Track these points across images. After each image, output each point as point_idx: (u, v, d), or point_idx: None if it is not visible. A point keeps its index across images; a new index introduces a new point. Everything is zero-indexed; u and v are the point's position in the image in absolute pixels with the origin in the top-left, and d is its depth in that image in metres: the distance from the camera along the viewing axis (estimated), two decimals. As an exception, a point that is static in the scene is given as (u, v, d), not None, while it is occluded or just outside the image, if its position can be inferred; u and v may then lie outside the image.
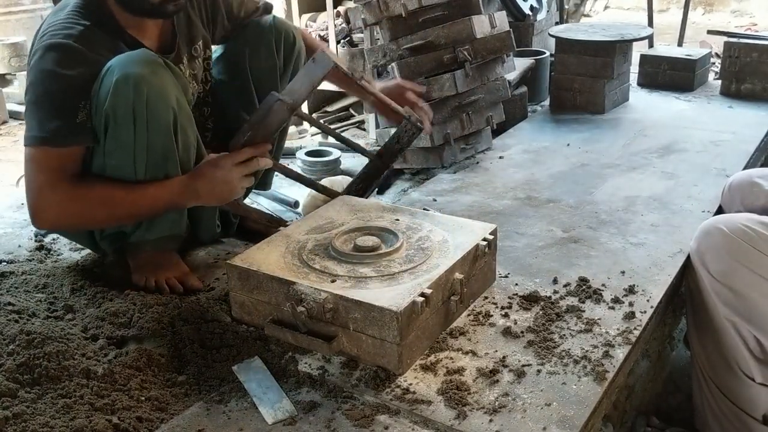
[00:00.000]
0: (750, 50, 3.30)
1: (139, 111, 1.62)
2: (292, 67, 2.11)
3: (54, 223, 1.76)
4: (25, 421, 1.29)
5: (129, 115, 1.62)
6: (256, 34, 2.04)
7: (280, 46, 2.06)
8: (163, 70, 1.66)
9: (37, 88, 1.64)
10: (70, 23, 1.67)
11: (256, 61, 2.04)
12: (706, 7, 7.88)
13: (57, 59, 1.63)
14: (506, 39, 2.61)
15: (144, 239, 1.81)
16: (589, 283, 1.76)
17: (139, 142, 1.65)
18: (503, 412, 1.33)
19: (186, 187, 1.70)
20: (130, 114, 1.62)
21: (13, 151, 4.06)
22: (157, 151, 1.68)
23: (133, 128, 1.63)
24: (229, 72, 2.07)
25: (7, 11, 6.66)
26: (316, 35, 3.88)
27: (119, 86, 1.59)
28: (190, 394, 1.43)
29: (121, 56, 1.64)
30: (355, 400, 1.38)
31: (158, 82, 1.63)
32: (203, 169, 1.71)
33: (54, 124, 1.62)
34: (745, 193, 1.94)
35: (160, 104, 1.64)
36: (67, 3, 1.73)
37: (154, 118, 1.64)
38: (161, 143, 1.68)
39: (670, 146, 2.75)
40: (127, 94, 1.60)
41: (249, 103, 2.06)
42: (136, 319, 1.63)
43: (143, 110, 1.62)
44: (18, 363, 1.42)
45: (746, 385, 1.68)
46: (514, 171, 2.57)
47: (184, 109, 1.71)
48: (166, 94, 1.65)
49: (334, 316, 1.45)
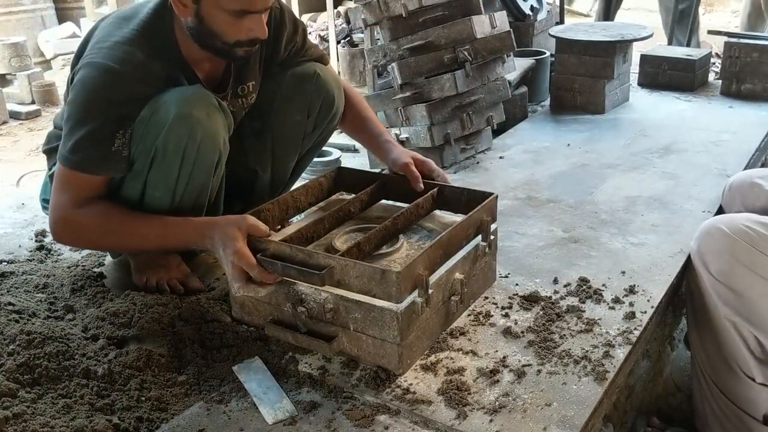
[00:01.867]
0: (750, 50, 3.31)
1: (189, 152, 1.62)
2: (323, 129, 2.00)
3: (71, 242, 1.84)
4: (26, 421, 1.29)
5: (179, 154, 1.62)
6: (294, 82, 1.91)
7: (316, 105, 1.93)
8: (217, 112, 1.66)
9: (78, 107, 1.60)
10: (129, 47, 1.60)
11: (282, 112, 1.93)
12: (707, 7, 7.87)
13: (105, 83, 1.58)
14: (506, 39, 2.61)
15: None
16: (589, 283, 1.76)
17: (182, 179, 1.66)
18: (503, 412, 1.33)
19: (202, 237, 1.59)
20: (180, 153, 1.62)
21: (13, 152, 4.05)
22: (196, 186, 1.70)
23: (179, 166, 1.64)
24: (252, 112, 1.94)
25: (7, 11, 6.67)
26: (316, 35, 3.88)
27: (174, 125, 1.58)
28: (191, 394, 1.43)
29: (178, 92, 1.61)
30: (355, 400, 1.38)
31: (211, 126, 1.63)
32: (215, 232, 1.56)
33: (89, 150, 1.59)
34: (745, 193, 1.94)
35: (209, 147, 1.65)
36: (134, 14, 1.68)
37: (201, 160, 1.65)
38: (202, 180, 1.70)
39: (671, 146, 2.75)
40: (181, 134, 1.59)
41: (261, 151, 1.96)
42: (137, 319, 1.63)
43: (193, 152, 1.63)
44: (18, 363, 1.42)
45: (747, 386, 1.68)
46: (515, 171, 2.57)
47: (227, 148, 1.73)
48: (216, 137, 1.66)
49: (334, 316, 1.45)
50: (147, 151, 1.62)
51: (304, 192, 1.83)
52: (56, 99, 5.65)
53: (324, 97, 1.92)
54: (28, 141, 4.49)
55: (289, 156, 2.02)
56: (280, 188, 2.06)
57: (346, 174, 1.94)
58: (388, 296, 1.36)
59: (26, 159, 4.02)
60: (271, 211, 1.73)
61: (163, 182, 1.66)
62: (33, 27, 6.80)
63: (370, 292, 1.39)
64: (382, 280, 1.36)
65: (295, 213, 1.80)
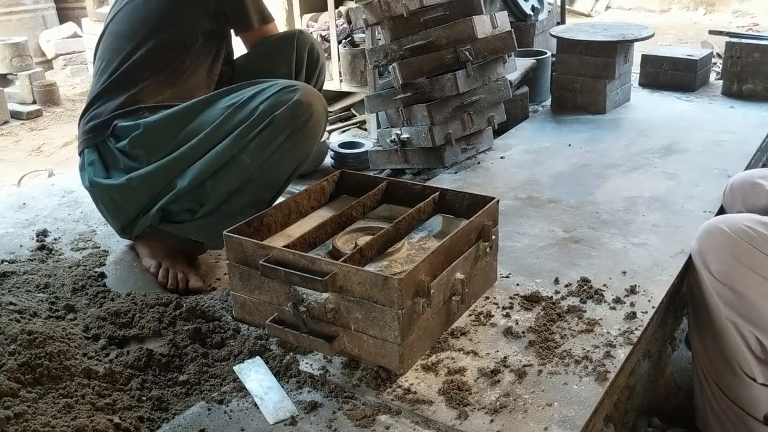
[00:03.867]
0: (751, 50, 3.30)
1: (294, 134, 1.79)
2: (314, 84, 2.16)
3: None
4: (27, 420, 1.29)
5: (287, 132, 1.78)
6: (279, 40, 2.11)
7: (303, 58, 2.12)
8: (325, 117, 1.86)
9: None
10: None
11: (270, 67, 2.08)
12: (708, 7, 7.87)
13: None
14: (507, 39, 2.61)
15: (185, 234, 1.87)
16: (590, 284, 1.76)
17: (276, 155, 1.79)
18: (504, 412, 1.33)
19: None
20: (289, 131, 1.78)
21: (14, 151, 4.06)
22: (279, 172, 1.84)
23: (281, 143, 1.78)
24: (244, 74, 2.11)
25: (8, 11, 6.67)
26: (317, 35, 3.88)
27: (297, 105, 1.77)
28: (192, 394, 1.43)
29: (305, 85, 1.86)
30: (356, 400, 1.38)
31: (320, 124, 1.84)
32: None
33: None
34: (746, 193, 1.94)
35: (310, 140, 1.83)
36: None
37: (299, 147, 1.82)
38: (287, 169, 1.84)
39: (672, 146, 2.75)
40: (299, 115, 1.78)
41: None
42: (138, 319, 1.63)
43: (297, 135, 1.79)
44: (19, 363, 1.42)
45: (747, 386, 1.68)
46: (516, 171, 2.57)
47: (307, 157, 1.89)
48: (317, 135, 1.85)
49: (335, 316, 1.45)
50: (261, 120, 1.76)
51: (307, 196, 1.84)
52: (57, 99, 5.65)
53: (309, 52, 2.12)
54: (29, 141, 4.50)
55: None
56: None
57: (349, 178, 1.94)
58: (390, 303, 1.37)
59: (27, 159, 4.03)
60: (274, 216, 1.73)
61: (260, 151, 1.77)
62: (34, 27, 6.81)
63: (372, 299, 1.39)
64: (384, 287, 1.37)
65: (298, 218, 1.81)
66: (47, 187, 2.55)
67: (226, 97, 1.83)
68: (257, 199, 1.84)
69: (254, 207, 1.81)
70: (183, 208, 1.84)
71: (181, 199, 1.83)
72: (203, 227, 1.84)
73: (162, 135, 1.82)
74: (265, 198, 1.86)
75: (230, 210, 1.82)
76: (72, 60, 6.53)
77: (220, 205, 1.82)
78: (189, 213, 1.84)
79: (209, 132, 1.78)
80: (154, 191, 1.84)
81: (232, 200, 1.81)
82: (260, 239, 1.64)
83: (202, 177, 1.79)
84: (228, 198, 1.81)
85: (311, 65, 2.14)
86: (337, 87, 3.85)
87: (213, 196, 1.81)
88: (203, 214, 1.82)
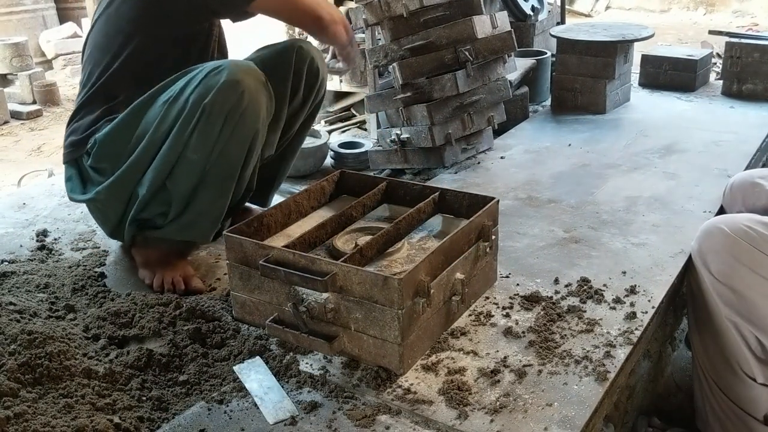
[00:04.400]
0: (751, 50, 3.30)
1: (232, 116, 1.68)
2: (312, 101, 2.09)
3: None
4: (27, 420, 1.29)
5: (222, 116, 1.67)
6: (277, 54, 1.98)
7: (302, 75, 2.00)
8: (264, 89, 1.73)
9: None
10: None
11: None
12: (708, 7, 7.87)
13: None
14: (507, 39, 2.61)
15: (169, 237, 1.83)
16: (590, 284, 1.76)
17: (219, 144, 1.70)
18: (504, 412, 1.33)
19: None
20: (224, 116, 1.67)
21: (14, 151, 4.06)
22: (229, 159, 1.74)
23: (220, 129, 1.68)
24: None
25: (8, 11, 6.67)
26: (317, 35, 3.88)
27: (225, 87, 1.66)
28: (192, 394, 1.43)
29: (232, 61, 1.74)
30: (356, 400, 1.38)
31: (258, 98, 1.71)
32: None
33: None
34: (746, 193, 1.94)
35: (251, 117, 1.71)
36: None
37: (241, 128, 1.71)
38: (236, 153, 1.74)
39: (672, 146, 2.75)
40: (230, 96, 1.66)
41: None
42: (138, 319, 1.63)
43: (236, 117, 1.69)
44: (19, 363, 1.42)
45: (747, 386, 1.68)
46: (516, 171, 2.57)
47: (263, 133, 1.79)
48: (258, 110, 1.72)
49: (335, 316, 1.45)
50: (193, 112, 1.67)
51: (307, 196, 1.84)
52: (57, 99, 5.65)
53: (308, 67, 2.01)
54: (30, 141, 4.50)
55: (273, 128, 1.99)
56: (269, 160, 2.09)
57: (349, 178, 1.94)
58: (391, 303, 1.37)
59: (27, 159, 4.03)
60: (274, 216, 1.73)
61: (202, 144, 1.70)
62: (34, 27, 6.80)
63: (372, 299, 1.39)
64: (384, 287, 1.37)
65: (298, 218, 1.81)
66: (47, 187, 2.55)
67: (163, 93, 1.75)
68: (221, 190, 1.78)
69: (221, 198, 1.78)
70: (155, 213, 1.81)
71: (149, 207, 1.79)
72: (180, 228, 1.81)
73: (116, 145, 1.78)
74: (228, 186, 1.79)
75: (200, 205, 1.78)
76: (72, 60, 6.53)
77: (187, 203, 1.77)
78: (162, 217, 1.81)
79: (152, 133, 1.73)
80: (122, 200, 1.81)
81: (198, 196, 1.76)
82: (260, 239, 1.64)
83: (159, 181, 1.75)
84: (192, 195, 1.76)
85: (310, 80, 2.03)
86: (337, 87, 3.85)
87: (176, 198, 1.77)
88: (174, 216, 1.79)
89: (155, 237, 1.85)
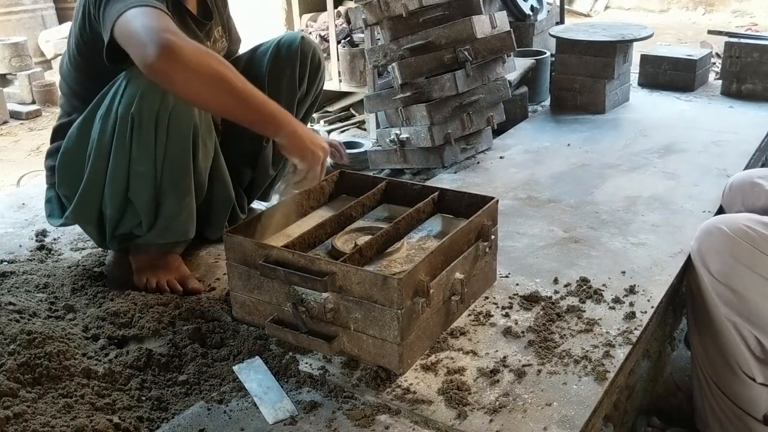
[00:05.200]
0: (751, 50, 3.30)
1: (162, 119, 1.63)
2: (315, 90, 2.13)
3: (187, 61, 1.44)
4: (26, 420, 1.29)
5: (152, 122, 1.62)
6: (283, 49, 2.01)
7: (306, 66, 2.05)
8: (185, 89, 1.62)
9: None
10: None
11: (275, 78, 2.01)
12: (707, 7, 7.87)
13: None
14: (507, 39, 2.61)
15: (153, 242, 1.81)
16: (589, 283, 1.76)
17: (159, 149, 1.66)
18: (504, 412, 1.34)
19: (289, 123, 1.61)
20: (153, 121, 1.62)
21: (13, 151, 4.06)
22: (175, 160, 1.69)
23: (154, 135, 1.64)
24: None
25: (7, 11, 6.67)
26: (316, 35, 3.88)
27: (147, 91, 1.59)
28: (191, 393, 1.43)
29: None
30: (355, 400, 1.38)
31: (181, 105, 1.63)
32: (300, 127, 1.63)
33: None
34: (745, 193, 1.94)
35: (182, 115, 1.64)
36: None
37: (175, 128, 1.65)
38: (180, 152, 1.68)
39: (671, 146, 2.75)
40: (154, 100, 1.60)
41: None
42: (137, 319, 1.63)
43: (165, 119, 1.63)
44: (19, 363, 1.42)
45: (747, 385, 1.68)
46: (515, 171, 2.57)
47: (204, 121, 1.72)
48: (189, 117, 1.66)
49: (334, 316, 1.45)
50: (124, 124, 1.62)
51: (306, 196, 1.84)
52: (57, 99, 5.64)
53: (311, 57, 2.04)
54: (29, 141, 4.50)
55: None
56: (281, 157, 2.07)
57: (348, 178, 1.94)
58: (390, 303, 1.37)
59: (27, 159, 4.03)
60: (274, 216, 1.73)
61: (144, 154, 1.65)
62: (33, 27, 6.80)
63: (372, 298, 1.39)
64: (383, 287, 1.37)
65: (298, 218, 1.81)
66: (46, 187, 2.55)
67: (99, 108, 1.68)
68: (181, 191, 1.74)
69: (186, 197, 1.75)
70: (131, 226, 1.79)
71: (122, 223, 1.78)
72: (159, 233, 1.79)
73: (72, 167, 1.75)
74: (186, 185, 1.74)
75: (168, 209, 1.75)
76: None
77: (156, 211, 1.75)
78: (139, 227, 1.79)
79: (96, 151, 1.68)
80: (92, 221, 1.80)
81: (162, 202, 1.74)
82: (260, 239, 1.64)
83: (119, 198, 1.72)
84: (156, 202, 1.73)
85: (313, 71, 2.08)
86: (337, 87, 3.86)
87: (142, 209, 1.74)
88: (149, 226, 1.77)
89: (142, 243, 1.83)
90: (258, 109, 1.55)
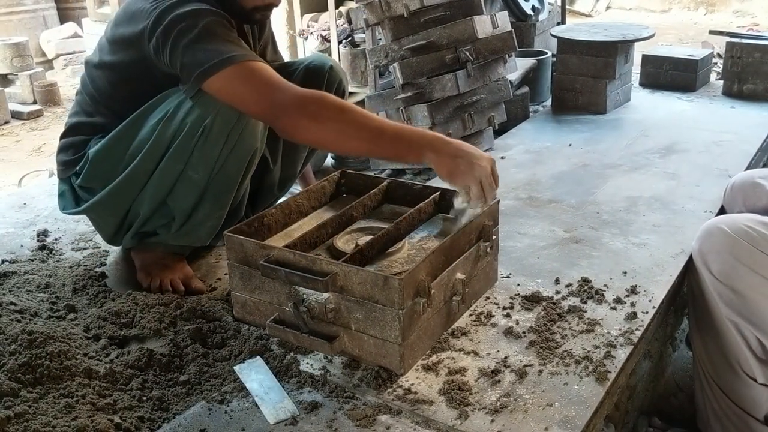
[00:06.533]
0: (752, 50, 3.30)
1: (233, 134, 1.67)
2: None
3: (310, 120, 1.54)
4: (27, 420, 1.29)
5: (223, 137, 1.66)
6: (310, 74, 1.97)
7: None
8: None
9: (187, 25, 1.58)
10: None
11: None
12: (708, 7, 7.87)
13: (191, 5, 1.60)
14: (508, 39, 2.61)
15: (166, 242, 1.83)
16: (590, 284, 1.76)
17: (220, 162, 1.70)
18: (505, 412, 1.33)
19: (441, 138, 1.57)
20: (225, 136, 1.66)
21: (15, 151, 4.06)
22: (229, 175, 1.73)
23: (220, 150, 1.67)
24: None
25: (9, 11, 6.67)
26: (317, 35, 3.88)
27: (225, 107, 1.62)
28: (192, 394, 1.43)
29: None
30: (356, 400, 1.38)
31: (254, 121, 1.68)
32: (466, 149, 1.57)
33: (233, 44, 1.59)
34: (747, 193, 1.94)
35: (249, 138, 1.70)
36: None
37: (240, 150, 1.70)
38: (235, 169, 1.73)
39: (672, 146, 2.75)
40: (231, 116, 1.64)
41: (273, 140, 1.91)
42: (138, 319, 1.63)
43: (236, 135, 1.67)
44: (20, 362, 1.42)
45: (748, 386, 1.68)
46: (516, 171, 2.57)
47: (261, 148, 1.77)
48: (256, 131, 1.71)
49: (335, 316, 1.45)
50: (193, 132, 1.65)
51: (307, 196, 1.84)
52: (58, 99, 5.65)
53: (336, 87, 2.00)
54: (30, 141, 4.50)
55: (299, 150, 2.06)
56: (289, 181, 2.11)
57: (349, 178, 1.94)
58: (391, 303, 1.37)
59: (28, 159, 4.03)
60: (275, 216, 1.73)
61: (203, 163, 1.69)
62: (35, 27, 6.81)
63: (373, 299, 1.39)
64: (384, 287, 1.37)
65: (299, 218, 1.81)
66: (48, 187, 2.55)
67: (154, 112, 1.72)
68: (220, 203, 1.79)
69: (220, 209, 1.80)
70: (157, 225, 1.82)
71: (150, 221, 1.81)
72: (180, 236, 1.82)
73: (107, 163, 1.77)
74: (227, 199, 1.80)
75: (200, 216, 1.79)
76: (72, 60, 6.53)
77: (189, 216, 1.78)
78: (164, 228, 1.82)
79: (147, 151, 1.70)
80: (117, 215, 1.82)
81: (198, 209, 1.77)
82: (261, 239, 1.64)
83: (159, 198, 1.75)
84: (193, 209, 1.77)
85: None
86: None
87: (178, 213, 1.78)
88: (177, 228, 1.80)
89: (153, 242, 1.86)
90: (391, 144, 1.57)
